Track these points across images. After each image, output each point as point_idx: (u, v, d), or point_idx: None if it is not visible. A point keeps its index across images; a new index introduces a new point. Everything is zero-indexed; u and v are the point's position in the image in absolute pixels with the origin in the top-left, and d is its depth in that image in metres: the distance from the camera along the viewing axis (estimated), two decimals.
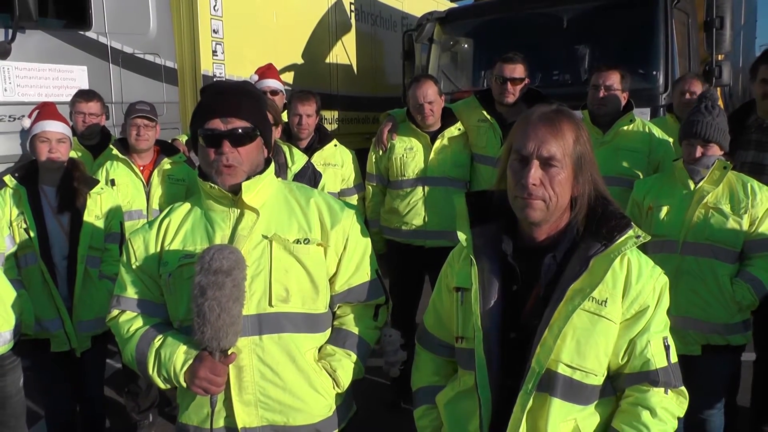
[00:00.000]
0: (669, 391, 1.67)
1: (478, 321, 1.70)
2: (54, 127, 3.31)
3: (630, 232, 1.65)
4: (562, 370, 1.63)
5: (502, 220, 1.76)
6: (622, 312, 1.66)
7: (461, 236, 1.80)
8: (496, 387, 1.68)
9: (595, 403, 1.69)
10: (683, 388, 1.71)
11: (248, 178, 1.92)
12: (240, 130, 1.89)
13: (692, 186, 3.07)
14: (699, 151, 3.03)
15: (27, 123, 3.46)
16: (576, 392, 1.64)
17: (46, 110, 3.40)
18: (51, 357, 3.35)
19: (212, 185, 1.91)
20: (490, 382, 1.68)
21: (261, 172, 1.97)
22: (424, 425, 1.94)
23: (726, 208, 3.00)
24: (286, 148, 3.80)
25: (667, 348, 1.69)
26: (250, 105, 1.95)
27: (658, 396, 1.65)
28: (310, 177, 3.68)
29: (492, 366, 1.68)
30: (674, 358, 1.70)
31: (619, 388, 1.72)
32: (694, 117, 3.04)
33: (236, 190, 1.91)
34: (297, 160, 3.78)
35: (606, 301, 1.63)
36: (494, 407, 1.68)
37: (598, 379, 1.66)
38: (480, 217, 1.81)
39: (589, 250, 1.65)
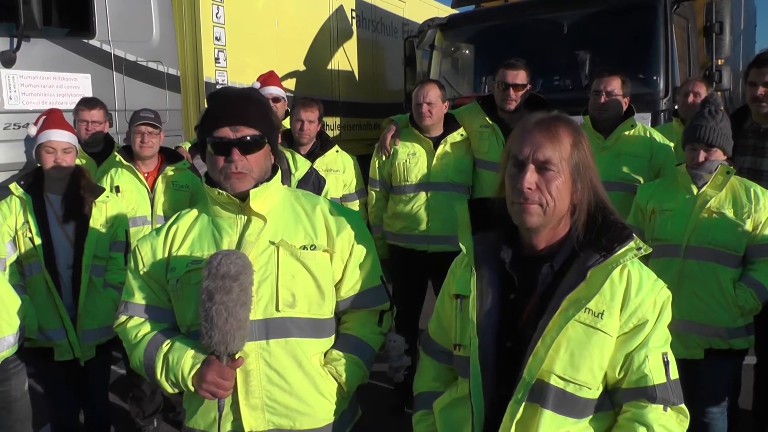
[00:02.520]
0: (668, 408, 1.63)
1: (474, 329, 1.69)
2: (60, 137, 3.32)
3: (631, 244, 1.62)
4: (554, 381, 1.61)
5: (502, 228, 1.76)
6: (619, 325, 1.63)
7: (462, 244, 1.80)
8: (490, 396, 1.67)
9: (591, 416, 1.66)
10: (683, 406, 1.66)
11: (256, 185, 1.94)
12: (249, 138, 1.91)
13: (695, 190, 3.08)
14: (702, 155, 3.04)
15: (33, 131, 3.47)
16: (569, 405, 1.62)
17: (52, 118, 3.41)
18: (55, 365, 3.35)
19: (220, 192, 1.93)
20: (484, 391, 1.67)
21: (268, 179, 1.99)
22: (420, 430, 1.95)
23: (729, 212, 3.01)
24: (288, 155, 3.82)
25: (666, 364, 1.64)
26: (258, 112, 1.97)
27: (656, 412, 1.61)
28: (314, 183, 3.70)
29: (487, 374, 1.67)
30: (674, 375, 1.65)
31: (617, 403, 1.69)
32: (698, 122, 3.05)
33: (244, 196, 1.93)
34: (300, 166, 3.80)
35: (602, 314, 1.61)
36: (487, 416, 1.67)
37: (592, 393, 1.64)
38: (482, 224, 1.81)
39: (587, 261, 1.63)
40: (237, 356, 1.84)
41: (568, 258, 1.67)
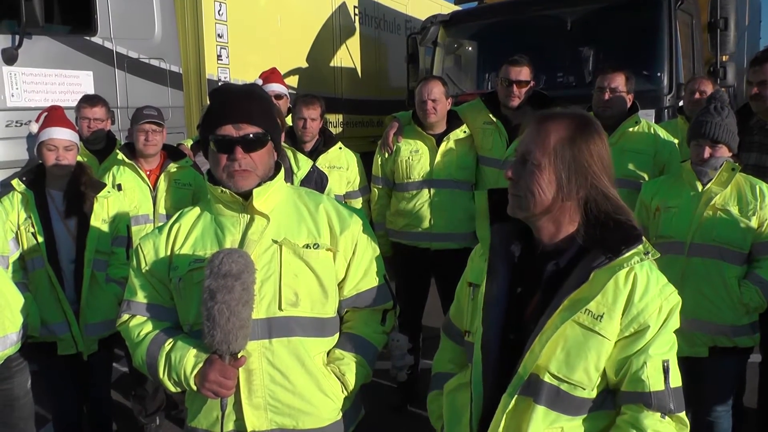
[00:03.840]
0: (667, 416, 1.59)
1: (480, 318, 1.71)
2: (61, 135, 3.33)
3: (639, 248, 1.59)
4: (548, 379, 1.60)
5: (519, 221, 1.75)
6: (619, 329, 1.60)
7: (480, 234, 1.81)
8: (490, 385, 1.68)
9: (588, 414, 1.65)
10: (682, 414, 1.62)
11: (260, 183, 1.93)
12: (252, 136, 1.90)
13: (700, 187, 3.07)
14: (707, 152, 3.02)
15: (34, 128, 3.47)
16: (563, 402, 1.61)
17: (53, 116, 3.41)
18: (58, 360, 3.36)
19: (223, 190, 1.92)
20: (484, 380, 1.68)
21: (271, 177, 1.98)
22: (433, 410, 1.99)
23: (734, 209, 3.00)
24: (290, 153, 3.80)
25: (666, 371, 1.60)
26: (261, 110, 1.96)
27: (652, 419, 1.58)
28: (316, 181, 3.68)
29: (488, 364, 1.68)
30: (675, 383, 1.61)
31: (617, 404, 1.67)
32: (703, 117, 3.04)
33: (247, 195, 1.92)
34: (302, 165, 3.77)
35: (602, 317, 1.59)
36: (486, 404, 1.68)
37: (587, 393, 1.62)
38: (501, 215, 1.79)
39: (593, 261, 1.61)
40: (239, 355, 1.83)
41: (575, 256, 1.66)
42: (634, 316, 1.60)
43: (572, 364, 1.59)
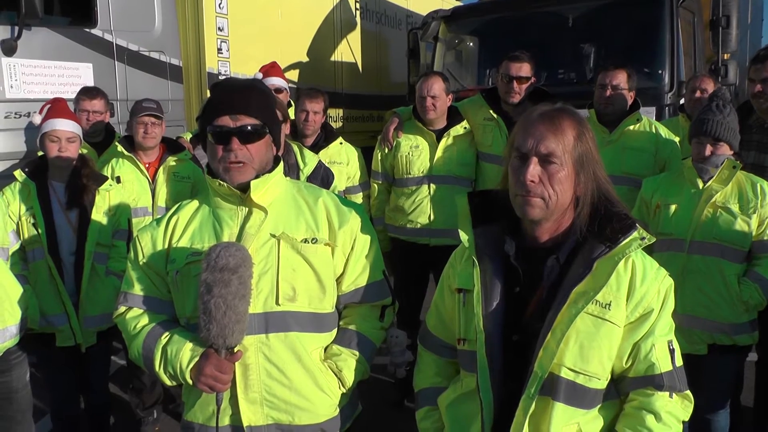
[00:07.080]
0: (674, 395, 1.65)
1: (480, 323, 1.68)
2: (64, 126, 3.34)
3: (635, 234, 1.62)
4: (565, 374, 1.61)
5: (505, 220, 1.75)
6: (626, 315, 1.63)
7: (463, 237, 1.78)
8: (498, 390, 1.67)
9: (599, 406, 1.67)
10: (688, 392, 1.68)
11: (257, 176, 1.92)
12: (249, 127, 1.89)
13: (701, 185, 3.06)
14: (708, 149, 3.02)
15: (37, 119, 3.48)
16: (579, 396, 1.63)
17: (56, 107, 3.42)
18: (56, 351, 3.37)
19: (221, 183, 1.91)
20: (492, 385, 1.67)
21: (270, 171, 1.96)
22: (426, 427, 1.93)
23: (734, 207, 2.99)
24: (296, 149, 3.78)
25: (672, 351, 1.66)
26: (260, 102, 1.94)
27: (662, 400, 1.63)
28: (323, 177, 3.65)
29: (494, 368, 1.67)
30: (679, 362, 1.68)
31: (623, 391, 1.70)
32: (705, 115, 3.03)
33: (245, 188, 1.90)
34: (309, 161, 3.75)
35: (610, 304, 1.61)
36: (496, 410, 1.67)
37: (601, 383, 1.65)
38: (483, 217, 1.79)
39: (592, 252, 1.63)
40: (236, 350, 1.82)
41: (572, 249, 1.67)
42: (639, 300, 1.63)
43: (587, 356, 1.61)
